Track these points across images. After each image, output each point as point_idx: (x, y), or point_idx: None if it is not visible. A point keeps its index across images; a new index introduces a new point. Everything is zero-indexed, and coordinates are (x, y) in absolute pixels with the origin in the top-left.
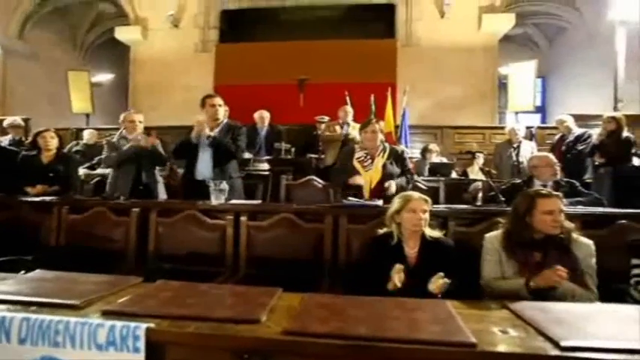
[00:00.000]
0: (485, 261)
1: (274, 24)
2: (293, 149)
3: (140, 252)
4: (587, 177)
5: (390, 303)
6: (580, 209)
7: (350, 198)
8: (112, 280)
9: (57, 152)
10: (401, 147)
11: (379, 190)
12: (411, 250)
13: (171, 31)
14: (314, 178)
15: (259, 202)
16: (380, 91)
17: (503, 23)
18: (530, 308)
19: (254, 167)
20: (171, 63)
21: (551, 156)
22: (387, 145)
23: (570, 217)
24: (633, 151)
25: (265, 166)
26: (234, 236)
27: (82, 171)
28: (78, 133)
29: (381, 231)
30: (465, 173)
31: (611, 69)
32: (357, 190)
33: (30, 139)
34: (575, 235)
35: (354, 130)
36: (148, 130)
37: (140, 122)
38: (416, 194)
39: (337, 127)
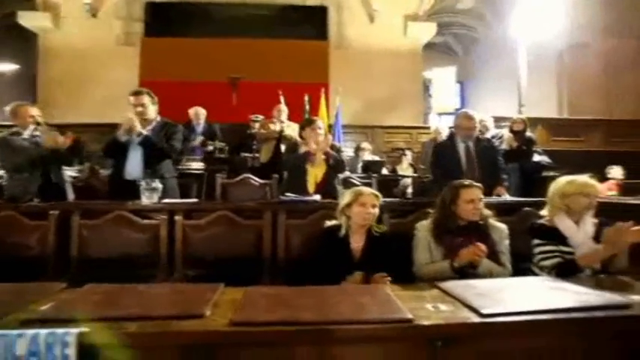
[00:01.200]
0: (417, 248)
1: (204, 20)
2: (227, 148)
3: (61, 258)
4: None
5: (333, 290)
6: (494, 199)
7: (287, 194)
8: (31, 288)
9: None
10: (338, 144)
11: (323, 185)
12: (357, 243)
13: (89, 20)
14: (250, 176)
15: (195, 200)
16: (313, 91)
17: (426, 31)
18: (457, 286)
19: (186, 166)
20: (90, 55)
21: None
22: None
23: (488, 205)
24: (534, 148)
25: (200, 165)
26: (168, 237)
27: None
28: None
29: (329, 223)
30: (394, 170)
31: (515, 77)
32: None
33: None
34: (491, 221)
35: (288, 129)
36: (62, 130)
37: (34, 117)
38: (367, 189)
39: (272, 126)
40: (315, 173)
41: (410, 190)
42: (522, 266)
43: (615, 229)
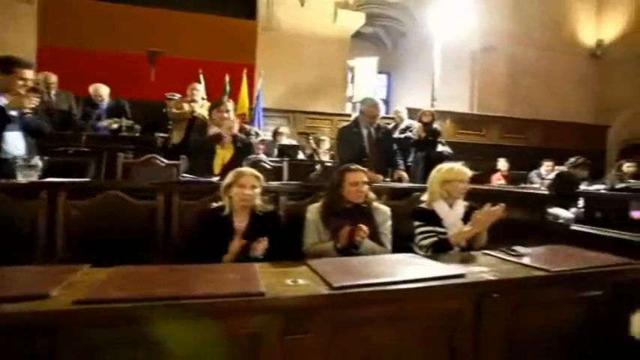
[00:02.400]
0: (307, 230)
1: None
2: (137, 126)
3: None
4: (410, 160)
5: (202, 268)
6: (387, 184)
7: (184, 175)
8: None
9: None
10: (250, 127)
11: (231, 166)
12: (241, 223)
13: None
14: (156, 156)
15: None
16: (237, 71)
17: (355, 20)
18: (323, 263)
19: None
20: None
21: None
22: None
23: (380, 189)
24: (439, 139)
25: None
26: (48, 217)
27: None
28: None
29: (215, 204)
30: (312, 155)
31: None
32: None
33: None
34: (375, 204)
35: (202, 109)
36: None
37: None
38: (248, 170)
39: (185, 105)
40: (222, 155)
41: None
42: (408, 245)
43: (485, 211)
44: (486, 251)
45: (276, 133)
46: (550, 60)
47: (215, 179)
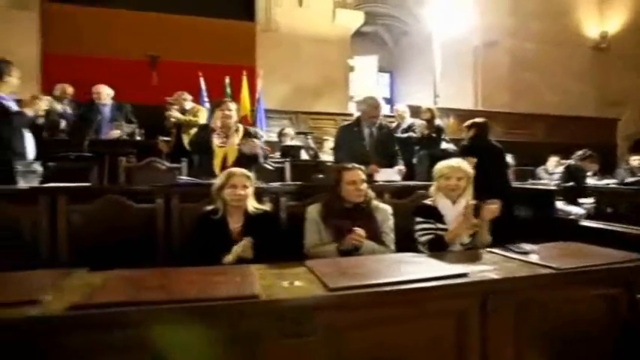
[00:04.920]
0: (307, 230)
1: None
2: (140, 130)
3: None
4: (415, 160)
5: (195, 271)
6: (389, 184)
7: (182, 177)
8: None
9: None
10: (254, 128)
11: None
12: (235, 224)
13: None
14: (156, 159)
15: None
16: (237, 73)
17: (354, 19)
18: (321, 264)
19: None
20: None
21: (377, 101)
22: (240, 125)
23: (382, 189)
24: (442, 136)
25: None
26: (50, 222)
27: None
28: None
29: (209, 207)
30: (316, 155)
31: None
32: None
33: None
34: (375, 202)
35: (188, 114)
36: None
37: None
38: (238, 170)
39: (174, 113)
40: (222, 155)
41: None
42: (412, 244)
43: (467, 206)
44: (490, 249)
45: (280, 134)
46: (553, 53)
47: (214, 181)
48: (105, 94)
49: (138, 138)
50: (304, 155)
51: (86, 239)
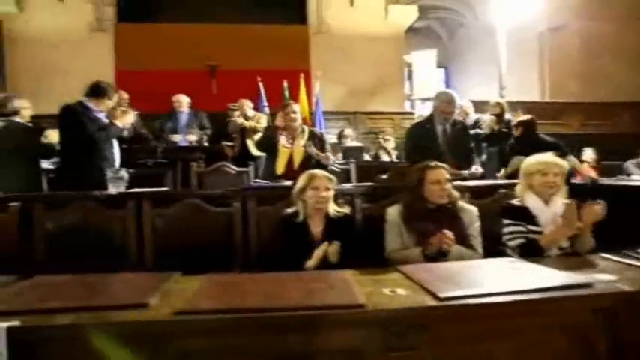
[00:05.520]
0: (388, 233)
1: (179, 3)
2: (205, 137)
3: (26, 251)
4: (484, 157)
5: (288, 277)
6: (469, 183)
7: (257, 180)
8: None
9: None
10: (319, 130)
11: (302, 171)
12: (317, 227)
13: (56, 5)
14: (226, 164)
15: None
16: (293, 77)
17: (408, 15)
18: (418, 270)
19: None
20: (60, 43)
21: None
22: (305, 127)
23: (460, 189)
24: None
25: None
26: (137, 226)
27: None
28: None
29: (289, 210)
30: (376, 156)
31: (497, 61)
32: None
33: None
34: (461, 203)
35: (251, 122)
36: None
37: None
38: (320, 172)
39: (237, 120)
40: (288, 156)
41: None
42: (498, 249)
43: (568, 207)
44: (604, 254)
45: (341, 136)
46: (632, 33)
47: (287, 183)
48: (185, 102)
49: (205, 144)
50: (366, 157)
51: (168, 242)
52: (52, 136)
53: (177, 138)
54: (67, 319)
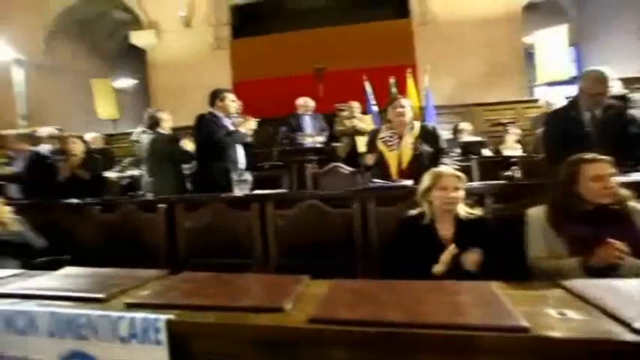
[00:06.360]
0: (530, 239)
1: (284, 14)
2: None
3: (171, 246)
4: None
5: (426, 286)
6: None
7: (375, 180)
8: (138, 274)
9: (83, 157)
10: (432, 125)
11: (412, 170)
12: (446, 231)
13: (184, 31)
14: (340, 164)
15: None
16: (400, 73)
17: None
18: (592, 287)
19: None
20: (187, 63)
21: (603, 73)
22: (416, 122)
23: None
24: None
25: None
26: (261, 227)
27: (113, 174)
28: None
29: (413, 211)
30: (497, 150)
31: None
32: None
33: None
34: (632, 204)
35: (360, 123)
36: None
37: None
38: (447, 170)
39: (346, 122)
40: (396, 158)
41: (517, 171)
42: None
43: None
44: None
45: (456, 131)
46: None
47: (409, 182)
48: (310, 105)
49: (318, 145)
50: (486, 152)
51: (290, 242)
52: (187, 144)
53: (308, 140)
54: (212, 317)
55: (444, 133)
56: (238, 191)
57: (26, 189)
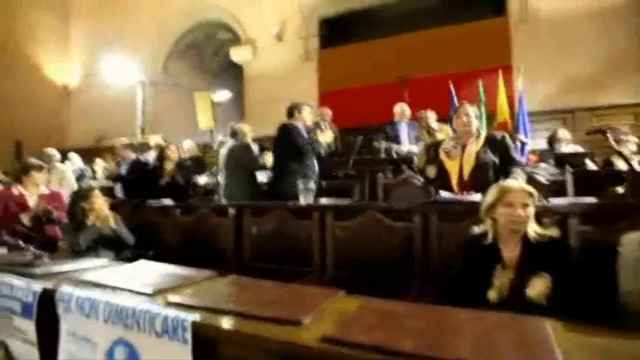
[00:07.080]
0: (624, 271)
1: (371, 23)
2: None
3: (238, 249)
4: None
5: (466, 315)
6: None
7: (442, 193)
8: (190, 273)
9: (177, 163)
10: (501, 133)
11: (474, 182)
12: (510, 252)
13: (278, 45)
14: (412, 175)
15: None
16: (491, 76)
17: None
18: None
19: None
20: (278, 75)
21: None
22: (483, 131)
23: None
24: None
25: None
26: (320, 237)
27: (202, 179)
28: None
29: (477, 229)
30: (608, 162)
31: None
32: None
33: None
34: None
35: (440, 133)
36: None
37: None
38: (516, 184)
39: (425, 134)
40: (457, 168)
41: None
42: None
43: None
44: None
45: (552, 140)
46: None
47: (477, 197)
48: (407, 112)
49: (394, 155)
50: (590, 165)
51: (348, 253)
52: (267, 158)
53: (404, 148)
54: (234, 323)
55: (540, 142)
56: (303, 200)
57: (127, 189)
